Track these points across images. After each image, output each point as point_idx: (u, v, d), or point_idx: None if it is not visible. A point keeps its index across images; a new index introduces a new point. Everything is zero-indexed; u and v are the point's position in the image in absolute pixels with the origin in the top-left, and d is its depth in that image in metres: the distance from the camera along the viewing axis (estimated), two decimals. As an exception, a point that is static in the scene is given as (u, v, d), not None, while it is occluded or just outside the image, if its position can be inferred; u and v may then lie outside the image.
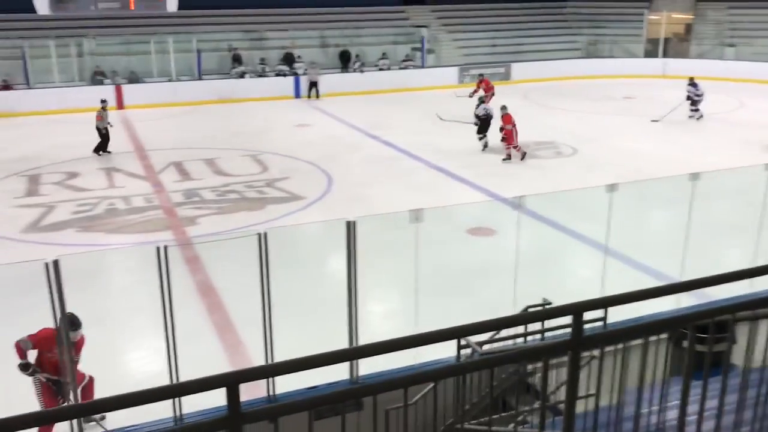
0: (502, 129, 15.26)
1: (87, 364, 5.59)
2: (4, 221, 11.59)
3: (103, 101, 17.29)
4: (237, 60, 25.28)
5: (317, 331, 7.64)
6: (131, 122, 20.53)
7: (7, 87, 22.20)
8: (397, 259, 9.10)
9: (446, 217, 11.21)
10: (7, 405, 5.80)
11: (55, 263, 4.72)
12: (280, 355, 5.58)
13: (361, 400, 4.52)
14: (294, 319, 7.91)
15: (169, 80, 24.46)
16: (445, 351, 5.41)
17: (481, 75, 22.36)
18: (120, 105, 22.77)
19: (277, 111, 22.21)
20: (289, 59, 26.03)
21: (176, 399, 4.99)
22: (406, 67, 27.51)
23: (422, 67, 27.92)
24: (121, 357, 7.61)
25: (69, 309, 4.92)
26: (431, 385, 5.15)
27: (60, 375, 5.86)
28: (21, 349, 5.80)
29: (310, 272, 9.44)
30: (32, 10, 25.05)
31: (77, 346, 5.96)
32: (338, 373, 5.34)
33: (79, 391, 5.76)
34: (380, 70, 27.02)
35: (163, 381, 4.47)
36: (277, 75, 25.47)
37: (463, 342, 5.50)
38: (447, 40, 29.33)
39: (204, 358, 6.89)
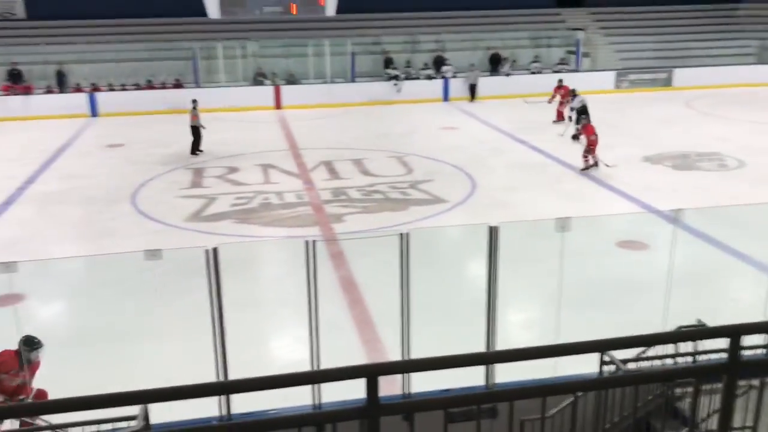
0: (576, 137, 14.98)
1: (236, 346, 5.94)
2: (170, 210, 12.58)
3: (194, 101, 17.64)
4: (389, 63, 25.82)
5: (454, 335, 7.63)
6: (287, 122, 21.57)
7: (178, 85, 24.07)
8: (539, 268, 8.89)
9: (595, 228, 10.79)
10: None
11: (215, 251, 5.06)
12: (416, 355, 5.62)
13: (496, 408, 4.47)
14: (431, 321, 7.95)
15: (324, 82, 25.45)
16: (586, 366, 5.22)
17: (560, 81, 21.31)
18: (278, 105, 24.00)
19: (425, 114, 22.43)
20: (438, 62, 26.21)
21: (316, 386, 5.18)
22: (559, 71, 26.80)
23: (576, 71, 27.07)
24: (267, 343, 8.03)
25: (224, 294, 5.25)
26: (570, 399, 4.98)
27: (16, 398, 5.94)
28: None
29: (450, 275, 9.45)
30: (204, 14, 26.98)
31: (32, 368, 6.03)
32: (473, 378, 5.30)
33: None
34: (532, 73, 26.51)
35: (304, 369, 4.67)
36: (429, 78, 25.69)
37: (606, 358, 5.27)
38: (604, 43, 28.23)
39: (342, 351, 7.10)
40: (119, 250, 10.21)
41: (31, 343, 5.94)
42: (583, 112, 16.80)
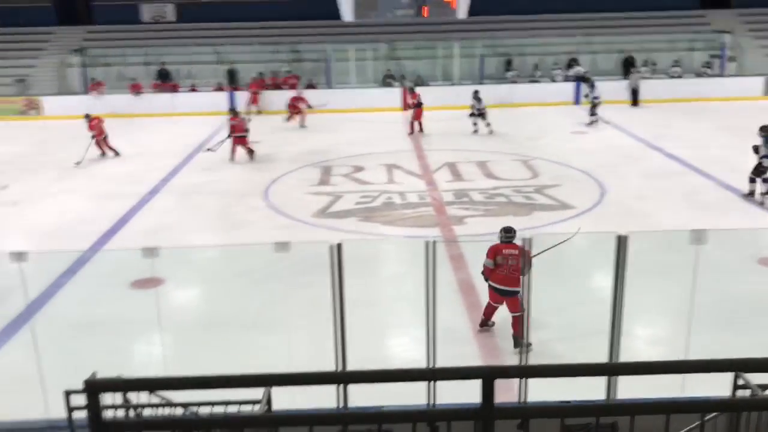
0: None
1: (355, 341, 6.06)
2: (299, 205, 13.05)
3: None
4: (509, 65, 25.53)
5: (574, 346, 7.42)
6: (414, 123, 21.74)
7: (311, 86, 24.90)
8: (670, 282, 8.44)
9: (734, 242, 10.10)
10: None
11: (339, 246, 5.20)
12: (534, 363, 5.50)
13: (616, 424, 4.29)
14: (551, 330, 7.76)
15: (452, 84, 25.46)
16: (717, 389, 4.90)
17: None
18: (405, 106, 24.27)
19: (554, 117, 21.89)
20: (571, 65, 25.50)
21: (431, 386, 5.20)
22: (701, 75, 25.31)
23: (721, 76, 25.44)
24: (384, 341, 8.14)
25: (346, 290, 5.38)
26: (698, 421, 4.69)
27: (511, 285, 7.34)
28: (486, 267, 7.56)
29: (573, 284, 9.18)
30: (338, 17, 27.79)
31: (521, 253, 7.21)
32: (593, 392, 5.12)
33: None
34: (671, 77, 25.20)
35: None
36: (566, 80, 25.07)
37: (740, 381, 4.92)
38: (754, 47, 26.33)
39: (458, 354, 7.08)
40: (251, 241, 10.73)
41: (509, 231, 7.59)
42: None
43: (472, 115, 19.74)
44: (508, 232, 7.63)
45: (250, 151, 17.03)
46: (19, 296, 7.43)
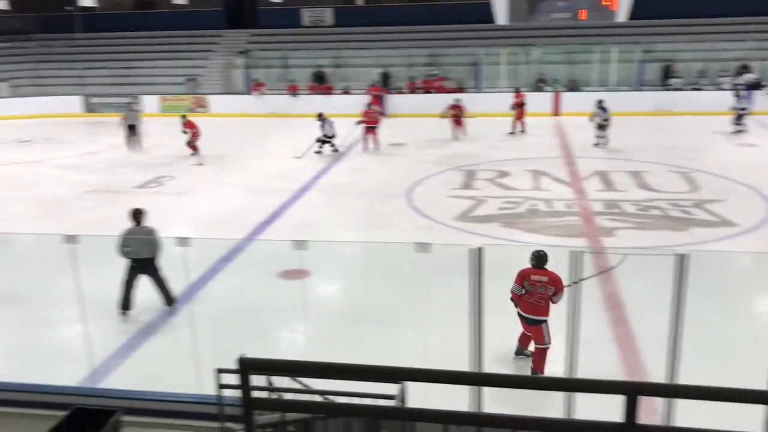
0: None
1: (490, 346, 5.98)
2: (441, 208, 13.10)
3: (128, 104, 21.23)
4: (668, 72, 24.07)
5: (730, 373, 6.88)
6: (564, 128, 21.15)
7: (461, 89, 24.89)
8: None
9: None
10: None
11: (480, 250, 5.17)
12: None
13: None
14: (704, 354, 7.25)
15: (608, 89, 24.46)
16: None
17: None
18: (556, 111, 23.66)
19: (719, 127, 20.41)
20: (741, 72, 23.66)
21: (569, 398, 5.04)
22: None
23: None
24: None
25: (484, 294, 5.33)
26: None
27: (536, 314, 6.89)
28: (513, 293, 7.04)
29: (732, 307, 8.52)
30: (490, 20, 27.59)
31: (551, 282, 6.80)
32: (751, 424, 4.72)
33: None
34: None
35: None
36: (734, 88, 23.32)
37: None
38: None
39: (600, 369, 6.79)
40: (393, 240, 10.92)
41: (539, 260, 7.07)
42: None
43: (599, 126, 18.48)
44: (538, 257, 7.04)
45: (375, 141, 19.07)
46: (181, 278, 8.04)
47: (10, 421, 5.48)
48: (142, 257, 8.23)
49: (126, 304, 8.33)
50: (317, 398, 4.48)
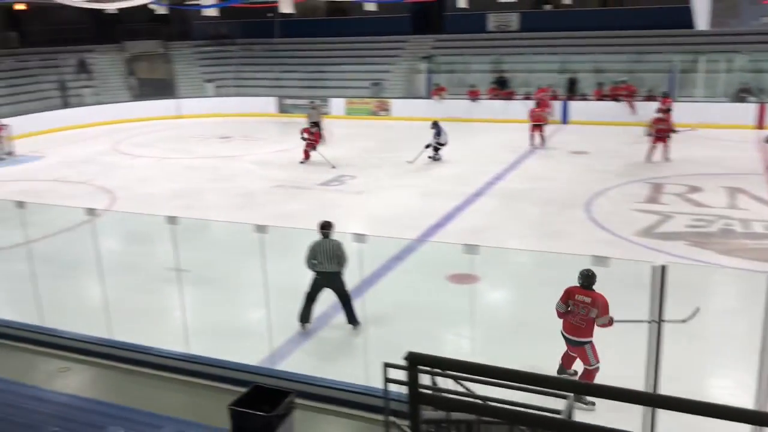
0: None
1: (668, 370, 5.60)
2: (622, 222, 12.46)
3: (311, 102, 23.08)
4: None
5: None
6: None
7: (651, 98, 23.50)
8: None
9: None
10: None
11: (663, 269, 4.86)
12: None
13: None
14: None
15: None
16: None
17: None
18: (761, 124, 21.61)
19: None
20: None
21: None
22: None
23: None
24: (704, 379, 7.40)
25: (666, 316, 5.01)
26: None
27: (576, 335, 6.69)
28: (557, 310, 6.88)
29: None
30: (690, 26, 25.75)
31: (595, 303, 6.61)
32: None
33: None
34: None
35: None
36: None
37: None
38: None
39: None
40: (568, 252, 10.57)
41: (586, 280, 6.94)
42: None
43: None
44: (585, 276, 6.75)
45: (542, 138, 19.71)
46: (356, 273, 8.36)
47: (198, 391, 6.01)
48: (328, 271, 8.18)
49: (306, 317, 8.36)
50: (480, 403, 4.46)
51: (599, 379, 6.54)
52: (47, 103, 26.81)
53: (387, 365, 4.29)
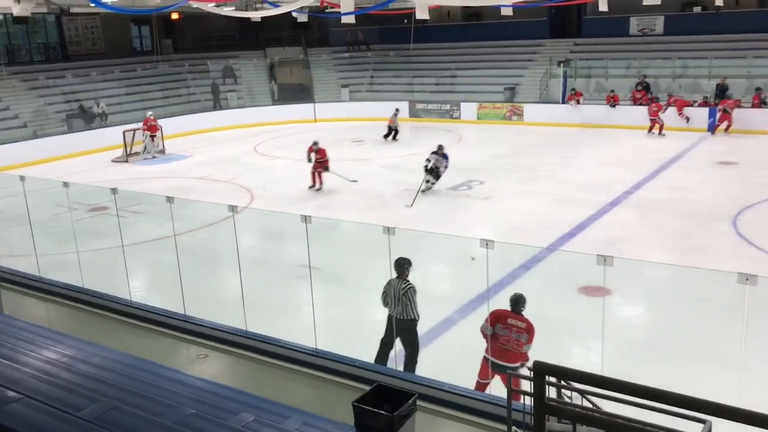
0: None
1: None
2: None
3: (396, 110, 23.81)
4: None
5: None
6: None
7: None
8: None
9: None
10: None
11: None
12: None
13: None
14: None
15: None
16: None
17: None
18: None
19: None
20: None
21: None
22: None
23: None
24: None
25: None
26: None
27: (505, 360, 6.33)
28: (482, 332, 6.46)
29: None
30: None
31: (526, 329, 6.34)
32: None
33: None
34: None
35: None
36: None
37: None
38: None
39: None
40: (711, 267, 9.91)
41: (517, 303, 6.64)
42: None
43: None
44: (515, 302, 6.52)
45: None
46: (482, 280, 8.29)
47: (324, 385, 6.19)
48: (397, 317, 7.21)
49: (381, 361, 7.28)
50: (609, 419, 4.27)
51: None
52: (195, 106, 28.68)
53: (512, 374, 4.22)
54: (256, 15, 19.70)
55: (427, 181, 15.70)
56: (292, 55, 32.56)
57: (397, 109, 24.65)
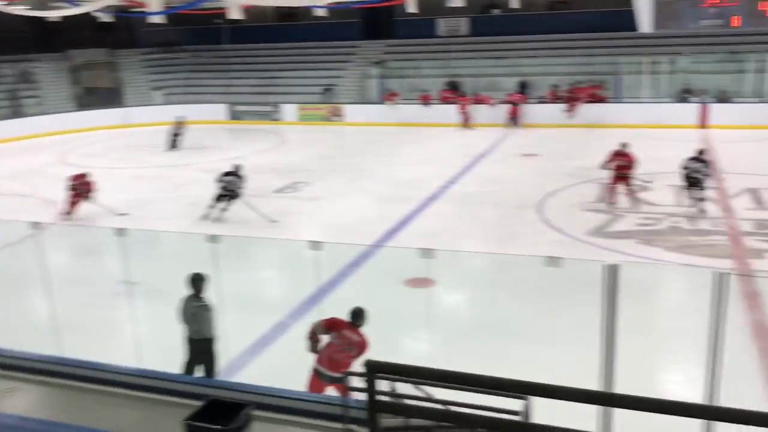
0: None
1: (621, 369, 5.71)
2: (574, 222, 12.68)
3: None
4: None
5: None
6: (712, 142, 19.85)
7: (600, 100, 24.01)
8: None
9: None
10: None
11: (614, 268, 4.94)
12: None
13: None
14: None
15: (762, 101, 22.73)
16: None
17: None
18: (703, 124, 22.29)
19: None
20: None
21: (708, 424, 4.69)
22: None
23: None
24: (656, 374, 7.56)
25: (618, 314, 5.09)
26: None
27: (335, 371, 6.18)
28: (313, 331, 6.34)
29: None
30: (633, 28, 26.43)
31: (359, 344, 6.17)
32: None
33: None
34: None
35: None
36: None
37: None
38: None
39: (745, 403, 6.28)
40: (521, 253, 10.71)
41: (358, 317, 6.39)
42: None
43: None
44: (354, 315, 6.29)
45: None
46: (312, 281, 8.30)
47: (152, 406, 5.87)
48: (193, 337, 6.95)
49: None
50: (439, 408, 4.46)
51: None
52: (-12, 114, 26.00)
53: (346, 373, 4.26)
54: (53, 14, 18.25)
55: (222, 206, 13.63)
56: (96, 58, 30.51)
57: (179, 117, 23.01)
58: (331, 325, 6.39)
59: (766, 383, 6.97)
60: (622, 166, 13.32)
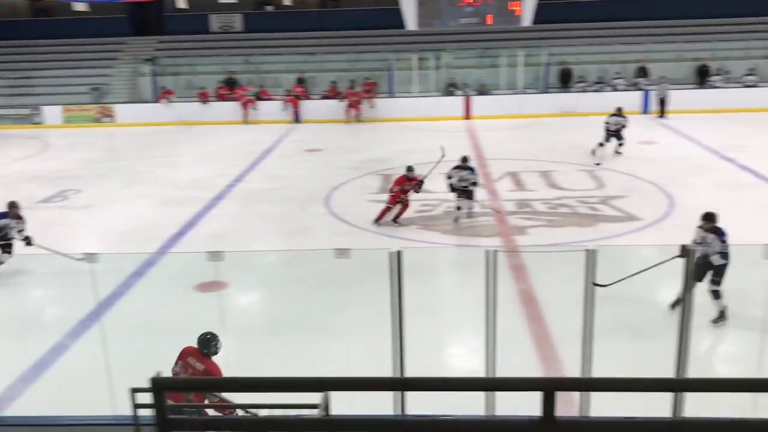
0: None
1: (413, 350, 6.02)
2: (359, 213, 13.13)
3: None
4: (566, 75, 25.27)
5: (640, 362, 7.21)
6: (476, 132, 21.63)
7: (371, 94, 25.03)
8: (742, 297, 8.11)
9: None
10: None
11: (399, 254, 5.20)
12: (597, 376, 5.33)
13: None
14: (616, 345, 7.56)
15: (516, 93, 25.21)
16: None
17: None
18: (467, 115, 24.18)
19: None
20: (641, 74, 24.94)
21: (490, 397, 5.13)
22: (778, 84, 24.33)
23: (800, 85, 24.41)
24: (442, 350, 8.09)
25: (404, 297, 5.37)
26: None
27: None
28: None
29: (637, 296, 8.92)
30: (401, 26, 27.91)
31: (203, 374, 5.67)
32: (659, 409, 4.95)
33: None
34: (746, 87, 24.31)
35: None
36: (629, 88, 24.53)
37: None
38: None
39: (519, 366, 6.97)
40: (312, 247, 10.85)
41: (205, 345, 5.95)
42: None
43: (614, 136, 17.07)
44: (201, 344, 5.93)
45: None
46: (90, 296, 7.70)
47: None
48: None
49: None
50: (241, 412, 4.39)
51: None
52: None
53: (134, 390, 4.02)
54: None
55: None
56: None
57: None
58: (181, 354, 5.90)
59: (536, 345, 7.78)
60: (407, 190, 13.09)
